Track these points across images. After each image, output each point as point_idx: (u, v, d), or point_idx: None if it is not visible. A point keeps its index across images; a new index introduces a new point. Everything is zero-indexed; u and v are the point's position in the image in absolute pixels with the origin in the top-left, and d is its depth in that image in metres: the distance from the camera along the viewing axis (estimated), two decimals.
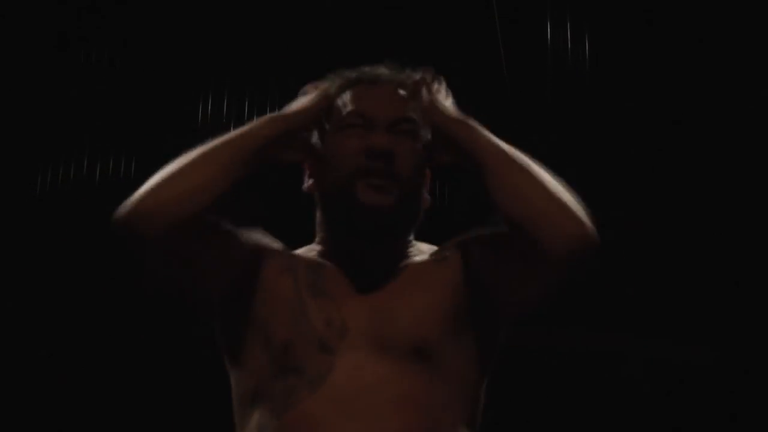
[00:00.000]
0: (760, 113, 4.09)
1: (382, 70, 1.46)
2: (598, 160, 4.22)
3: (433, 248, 1.46)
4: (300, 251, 1.45)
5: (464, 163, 1.39)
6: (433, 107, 1.41)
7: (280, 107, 1.47)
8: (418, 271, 1.41)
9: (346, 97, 1.43)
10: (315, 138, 1.45)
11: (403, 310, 1.35)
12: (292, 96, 1.48)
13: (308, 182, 1.47)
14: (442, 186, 3.97)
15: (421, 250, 1.46)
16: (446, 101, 1.44)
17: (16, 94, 4.13)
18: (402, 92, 1.44)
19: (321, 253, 1.44)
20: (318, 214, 1.47)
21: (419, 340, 1.32)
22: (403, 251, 1.44)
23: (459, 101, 1.48)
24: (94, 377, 3.98)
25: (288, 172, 1.51)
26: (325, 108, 1.43)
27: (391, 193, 1.36)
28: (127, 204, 1.27)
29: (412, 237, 1.47)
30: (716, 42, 4.17)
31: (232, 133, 1.38)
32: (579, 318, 4.17)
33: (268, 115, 1.41)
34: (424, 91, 1.43)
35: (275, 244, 1.44)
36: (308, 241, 1.50)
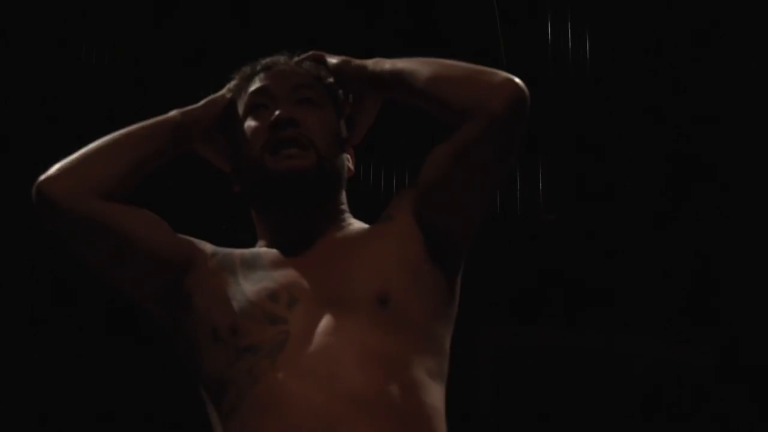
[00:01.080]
0: (763, 109, 4.09)
1: (278, 58, 1.50)
2: (597, 160, 4.22)
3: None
4: (238, 250, 1.44)
5: (390, 95, 1.43)
6: (341, 65, 1.45)
7: None
8: (365, 233, 1.41)
9: (248, 86, 1.46)
10: (227, 139, 1.47)
11: (358, 267, 1.33)
12: None
13: (235, 184, 1.48)
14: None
15: (361, 224, 1.45)
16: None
17: (17, 96, 4.13)
18: (301, 66, 1.48)
19: (260, 245, 1.44)
20: (252, 212, 1.47)
21: (380, 290, 1.29)
22: (339, 220, 1.43)
23: None
24: (95, 379, 3.98)
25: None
26: (223, 103, 1.46)
27: (304, 157, 1.37)
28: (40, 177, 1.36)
29: (345, 207, 1.46)
30: (717, 39, 4.17)
31: (142, 122, 1.44)
32: (584, 318, 4.17)
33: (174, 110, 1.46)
34: (329, 59, 1.47)
35: (208, 247, 1.43)
36: None
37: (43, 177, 1.35)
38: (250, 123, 1.42)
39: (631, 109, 4.26)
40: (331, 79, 1.46)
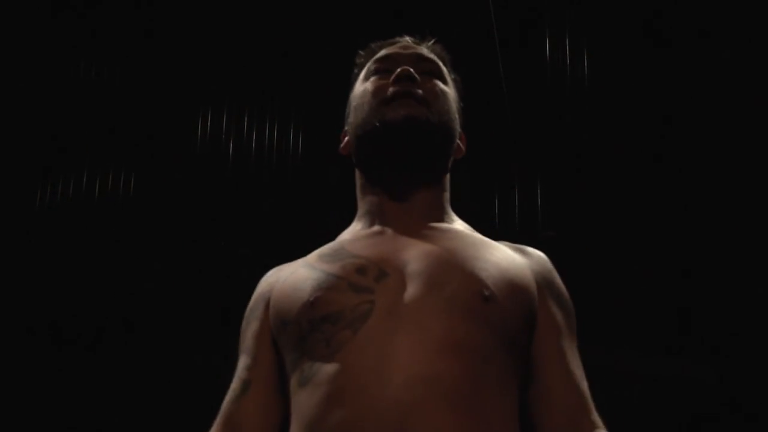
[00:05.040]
0: (761, 125, 4.09)
1: (405, 37, 1.52)
2: (597, 177, 4.22)
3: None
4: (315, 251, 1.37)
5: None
6: None
7: (279, 122, 1.47)
8: (482, 242, 1.33)
9: (372, 56, 1.47)
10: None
11: (469, 260, 1.25)
12: (290, 109, 1.49)
13: (343, 142, 1.46)
14: None
15: (464, 225, 1.41)
16: None
17: (15, 109, 4.14)
18: (428, 46, 1.49)
19: (356, 228, 1.39)
20: (357, 181, 1.43)
21: (482, 286, 1.21)
22: (444, 210, 1.39)
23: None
24: (95, 385, 3.98)
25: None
26: None
27: (419, 109, 1.34)
28: None
29: (448, 197, 1.42)
30: (715, 55, 4.19)
31: None
32: (582, 334, 4.16)
33: None
34: None
35: (280, 274, 1.35)
36: None
37: None
38: (369, 83, 1.41)
39: (631, 126, 4.27)
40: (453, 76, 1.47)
